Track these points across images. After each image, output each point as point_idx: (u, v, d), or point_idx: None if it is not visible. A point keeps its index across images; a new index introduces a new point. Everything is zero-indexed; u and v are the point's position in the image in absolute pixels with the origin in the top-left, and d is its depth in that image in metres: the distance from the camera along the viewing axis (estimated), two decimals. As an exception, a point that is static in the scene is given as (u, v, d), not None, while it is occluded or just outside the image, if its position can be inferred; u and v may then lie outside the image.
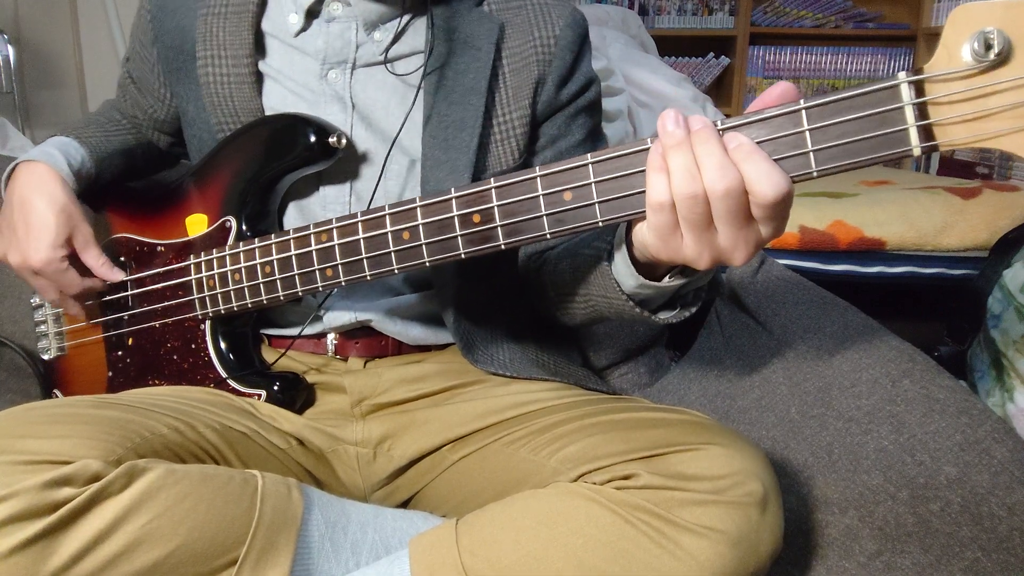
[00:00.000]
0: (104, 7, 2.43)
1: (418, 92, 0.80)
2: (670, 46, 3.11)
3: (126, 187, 0.93)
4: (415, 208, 0.67)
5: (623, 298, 0.68)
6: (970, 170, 2.76)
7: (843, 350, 0.95)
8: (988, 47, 0.47)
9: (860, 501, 0.79)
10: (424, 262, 0.67)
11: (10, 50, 2.22)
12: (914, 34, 3.21)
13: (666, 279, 0.66)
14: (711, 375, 1.10)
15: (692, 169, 0.54)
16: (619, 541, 0.61)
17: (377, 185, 0.80)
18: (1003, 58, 0.47)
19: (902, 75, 0.50)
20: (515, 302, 0.91)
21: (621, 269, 0.68)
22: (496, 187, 0.62)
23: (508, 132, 0.83)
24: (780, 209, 0.53)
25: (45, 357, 0.97)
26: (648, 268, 0.65)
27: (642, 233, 0.60)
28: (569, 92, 0.85)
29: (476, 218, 0.64)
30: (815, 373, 0.95)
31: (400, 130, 0.79)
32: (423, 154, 0.80)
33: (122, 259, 0.89)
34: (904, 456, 0.80)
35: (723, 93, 3.32)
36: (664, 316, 0.69)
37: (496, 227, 0.63)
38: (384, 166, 0.80)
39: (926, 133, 0.50)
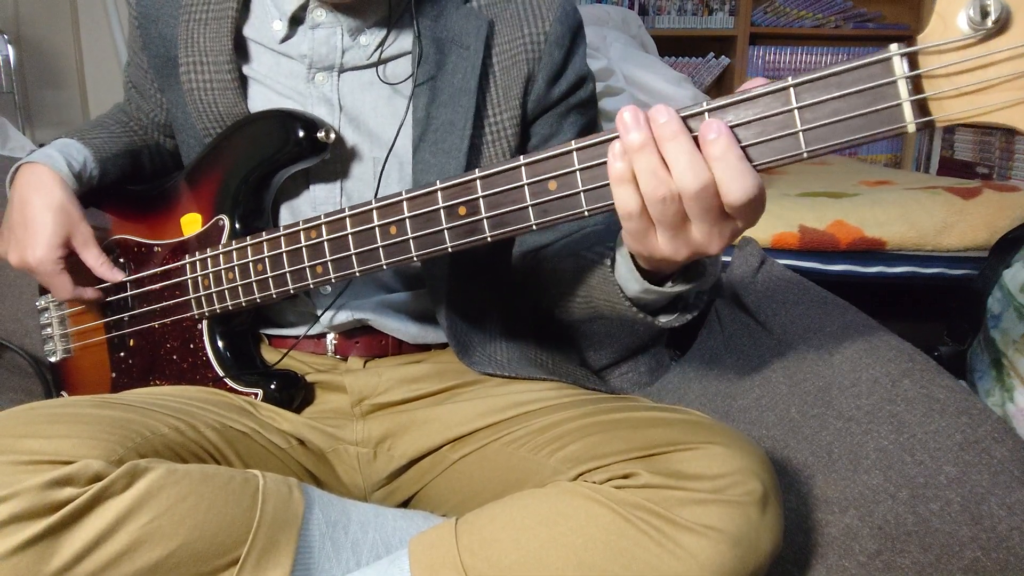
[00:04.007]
0: (104, 7, 2.44)
1: (410, 102, 0.79)
2: (670, 46, 3.10)
3: (124, 188, 0.93)
4: (401, 201, 0.66)
5: (626, 304, 0.68)
6: (970, 170, 2.77)
7: (843, 350, 0.95)
8: (985, 14, 0.44)
9: (860, 500, 0.79)
10: (412, 256, 0.67)
11: (10, 50, 2.23)
12: (914, 34, 3.20)
13: (668, 284, 0.66)
14: (711, 375, 1.11)
15: (660, 170, 0.52)
16: (619, 540, 0.61)
17: (377, 190, 0.80)
18: (1001, 26, 0.45)
19: (894, 47, 0.48)
20: (511, 301, 0.91)
21: (624, 274, 0.68)
22: (481, 177, 0.62)
23: (499, 133, 0.82)
24: (752, 206, 0.52)
25: (51, 360, 0.98)
26: (651, 273, 0.65)
27: (622, 234, 0.60)
28: (560, 90, 0.83)
29: (462, 210, 0.64)
30: (815, 373, 0.95)
31: (394, 142, 0.78)
32: (414, 158, 0.79)
33: (121, 260, 0.89)
34: (904, 456, 0.80)
35: (723, 93, 3.25)
36: (665, 320, 0.69)
37: (482, 219, 0.63)
38: (382, 173, 0.79)
39: (921, 108, 0.48)
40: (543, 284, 0.83)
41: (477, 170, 0.62)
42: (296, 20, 0.81)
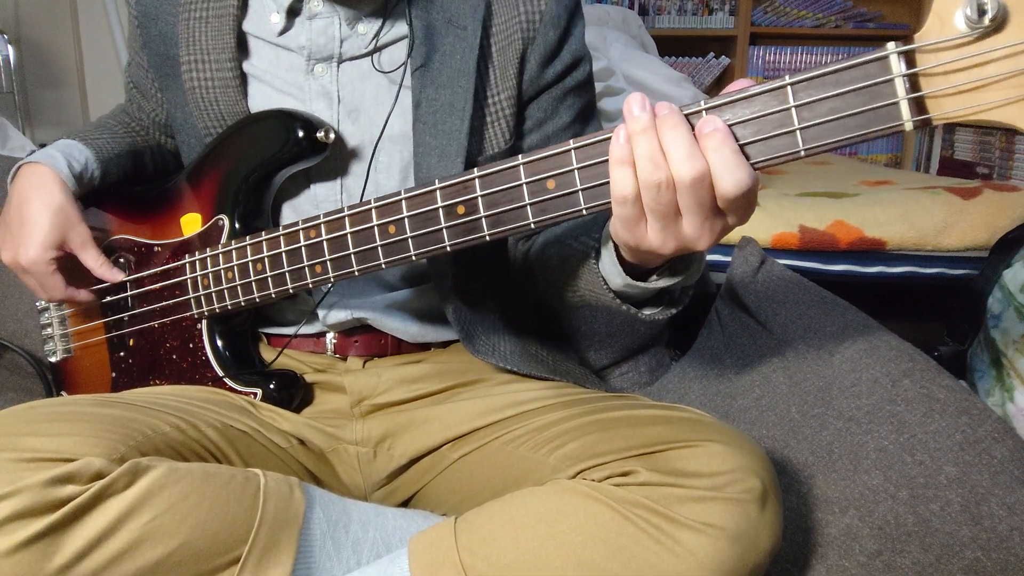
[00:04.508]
0: (104, 7, 2.44)
1: (400, 87, 0.78)
2: (670, 46, 3.10)
3: (125, 189, 0.93)
4: (400, 201, 0.66)
5: (610, 296, 0.69)
6: (970, 170, 2.77)
7: (843, 350, 0.95)
8: (982, 13, 0.45)
9: (860, 500, 0.79)
10: (410, 255, 0.67)
11: (10, 50, 2.23)
12: (914, 34, 3.21)
13: (653, 278, 0.66)
14: (711, 374, 1.11)
15: (657, 157, 0.53)
16: (618, 538, 0.61)
17: (367, 180, 0.80)
18: (998, 24, 0.45)
19: (891, 45, 0.48)
20: (515, 295, 0.91)
21: (608, 268, 0.68)
22: (480, 176, 0.62)
23: (499, 114, 0.81)
24: (745, 201, 0.53)
25: (52, 359, 0.98)
26: (635, 266, 0.65)
27: (611, 223, 0.60)
28: (555, 71, 0.82)
29: (460, 209, 0.64)
30: (815, 373, 0.95)
31: (385, 125, 0.78)
32: (414, 141, 0.79)
33: (121, 260, 0.89)
34: (904, 456, 0.80)
35: (723, 93, 3.31)
36: (649, 312, 0.70)
37: (480, 218, 0.63)
38: (372, 158, 0.79)
39: (918, 106, 0.48)
40: (531, 270, 0.83)
41: (476, 169, 0.62)
42: (293, 12, 0.81)
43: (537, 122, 0.84)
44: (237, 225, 0.81)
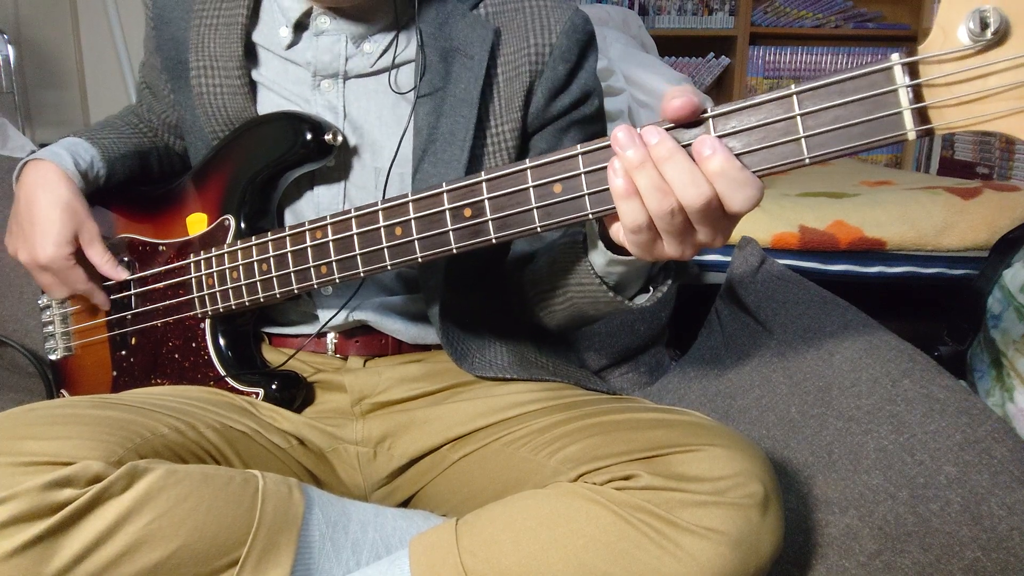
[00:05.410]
0: (104, 7, 2.44)
1: (413, 112, 0.78)
2: (670, 46, 3.10)
3: (130, 188, 0.94)
4: (407, 203, 0.67)
5: (596, 281, 0.69)
6: (970, 170, 2.76)
7: (843, 350, 0.95)
8: (985, 26, 0.46)
9: (860, 501, 0.79)
10: (416, 257, 0.67)
11: (10, 50, 2.22)
12: (914, 34, 3.21)
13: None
14: (711, 375, 1.11)
15: (663, 185, 0.54)
16: (619, 542, 0.61)
17: (385, 192, 0.80)
18: (1000, 37, 0.46)
19: (895, 56, 0.49)
20: (508, 308, 0.91)
21: (591, 249, 0.68)
22: (487, 180, 0.62)
23: (500, 144, 0.81)
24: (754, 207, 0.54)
25: (52, 357, 0.98)
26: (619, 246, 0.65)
27: (620, 238, 0.60)
28: (561, 105, 0.81)
29: (467, 212, 0.64)
30: (815, 373, 0.95)
31: (396, 154, 0.78)
32: (413, 167, 0.79)
33: (126, 259, 0.89)
34: (904, 456, 0.80)
35: (723, 93, 3.32)
36: (640, 301, 0.70)
37: (487, 221, 0.63)
38: (387, 184, 0.79)
39: (921, 116, 0.49)
40: (524, 285, 0.83)
41: (483, 172, 0.63)
42: (301, 27, 0.81)
43: (539, 152, 0.83)
44: (243, 225, 0.81)
